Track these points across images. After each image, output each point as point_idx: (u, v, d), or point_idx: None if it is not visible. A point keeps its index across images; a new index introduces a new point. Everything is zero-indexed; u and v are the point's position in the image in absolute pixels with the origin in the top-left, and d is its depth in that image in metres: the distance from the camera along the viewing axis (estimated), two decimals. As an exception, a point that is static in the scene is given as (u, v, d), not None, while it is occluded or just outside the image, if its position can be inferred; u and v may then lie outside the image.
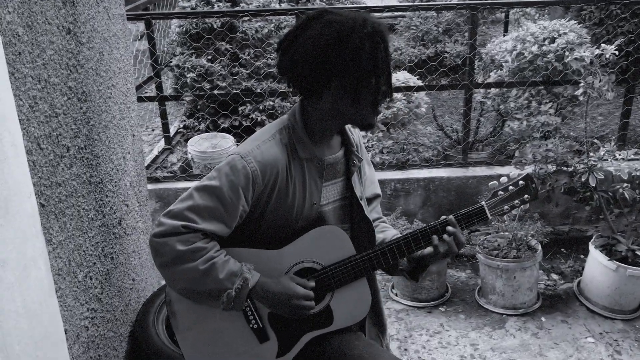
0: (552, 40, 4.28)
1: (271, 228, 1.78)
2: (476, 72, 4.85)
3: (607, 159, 3.35)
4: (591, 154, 3.37)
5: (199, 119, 5.29)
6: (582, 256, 3.94)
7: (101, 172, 2.20)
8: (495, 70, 4.65)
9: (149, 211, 2.84)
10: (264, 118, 5.02)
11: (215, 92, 4.75)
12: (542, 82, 4.24)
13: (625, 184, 3.29)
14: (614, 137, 4.28)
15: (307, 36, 1.65)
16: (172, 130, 5.34)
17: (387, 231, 2.02)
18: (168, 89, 5.67)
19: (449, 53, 6.63)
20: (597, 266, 3.38)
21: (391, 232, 2.01)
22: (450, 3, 4.28)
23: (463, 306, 3.55)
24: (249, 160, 1.67)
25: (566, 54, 4.09)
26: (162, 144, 5.03)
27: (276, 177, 1.70)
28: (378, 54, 1.62)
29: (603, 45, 3.32)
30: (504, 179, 1.86)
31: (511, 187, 1.84)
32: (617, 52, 3.31)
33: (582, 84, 3.35)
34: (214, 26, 4.99)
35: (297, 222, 1.78)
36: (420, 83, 4.64)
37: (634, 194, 3.28)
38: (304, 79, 1.68)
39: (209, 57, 5.11)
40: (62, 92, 1.86)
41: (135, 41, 6.10)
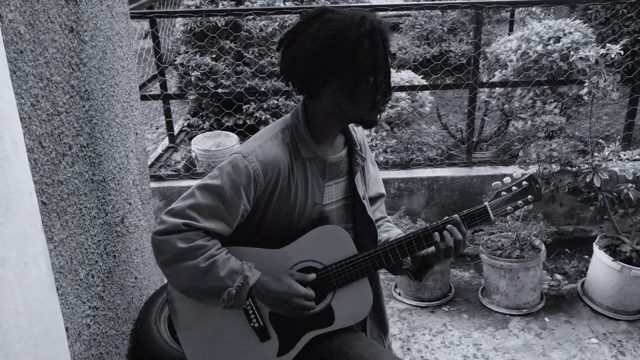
0: (557, 40, 4.26)
1: (273, 227, 1.77)
2: (481, 72, 4.84)
3: (612, 159, 3.34)
4: (596, 154, 3.36)
5: (203, 118, 5.29)
6: (586, 256, 3.93)
7: (103, 171, 2.20)
8: (500, 70, 4.64)
9: (151, 209, 2.85)
10: (268, 117, 5.02)
11: (220, 90, 4.74)
12: (546, 82, 4.22)
13: (630, 184, 3.27)
14: (619, 137, 4.27)
15: (305, 35, 1.65)
16: (177, 128, 5.35)
17: (391, 230, 2.01)
18: (172, 88, 5.67)
19: (453, 52, 6.61)
20: (601, 267, 3.36)
21: (395, 231, 2.00)
22: (454, 2, 4.26)
23: (466, 306, 3.54)
24: (251, 160, 1.66)
25: (571, 53, 4.08)
26: (166, 142, 5.03)
27: (278, 176, 1.70)
28: (376, 52, 1.61)
29: (608, 45, 3.30)
30: (507, 179, 1.85)
31: (514, 188, 1.83)
32: (622, 52, 3.29)
33: (586, 84, 3.33)
34: (219, 25, 4.98)
35: (299, 221, 1.78)
36: (424, 82, 4.62)
37: (638, 194, 3.26)
38: (302, 77, 1.68)
39: (213, 56, 5.10)
40: (65, 90, 1.87)
41: (140, 39, 6.10)
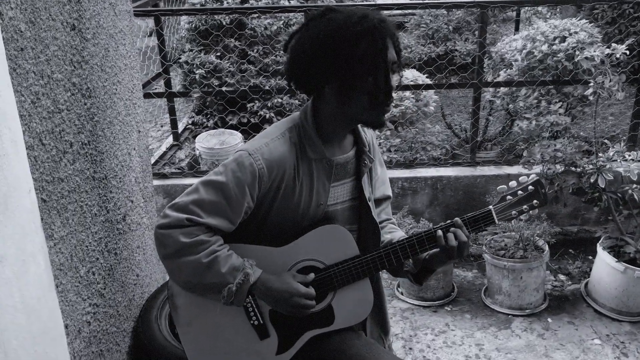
0: (563, 40, 4.24)
1: (276, 225, 1.77)
2: (486, 71, 4.82)
3: (617, 160, 3.32)
4: (600, 154, 3.34)
5: (208, 116, 5.30)
6: (590, 257, 3.91)
7: (105, 168, 2.20)
8: (504, 69, 4.62)
9: (154, 207, 2.85)
10: (272, 115, 5.02)
11: (224, 88, 4.75)
12: (551, 82, 4.21)
13: (635, 185, 3.26)
14: (624, 138, 4.25)
15: (306, 35, 1.64)
16: (181, 126, 5.36)
17: (394, 232, 1.99)
18: (177, 86, 5.68)
19: (459, 51, 6.60)
20: (605, 267, 3.35)
21: (398, 233, 1.98)
22: (459, 1, 4.25)
23: (469, 306, 3.53)
24: (257, 158, 1.66)
25: (577, 53, 4.06)
26: (170, 140, 5.05)
27: (283, 175, 1.69)
28: (375, 51, 1.58)
29: (614, 45, 3.29)
30: (513, 183, 1.82)
31: (520, 192, 1.80)
32: (628, 52, 3.27)
33: (592, 84, 3.31)
34: (223, 23, 4.99)
35: (302, 221, 1.77)
36: (428, 81, 4.61)
37: (643, 195, 3.25)
38: (302, 78, 1.68)
39: (217, 54, 5.11)
40: (66, 88, 1.87)
41: (145, 37, 6.11)
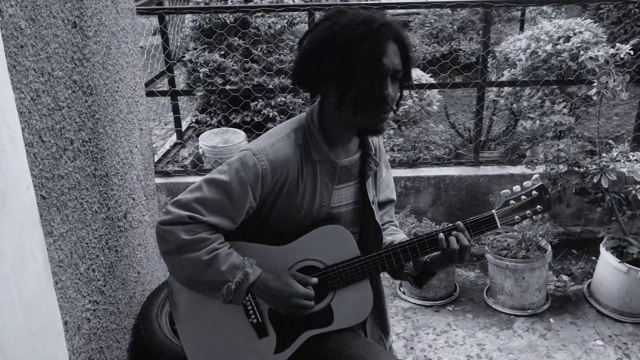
0: (567, 39, 4.23)
1: (278, 225, 1.76)
2: (489, 71, 4.81)
3: (620, 160, 3.30)
4: (604, 154, 3.33)
5: (211, 114, 5.31)
6: (593, 258, 3.90)
7: (106, 166, 2.21)
8: (508, 69, 4.61)
9: (156, 205, 2.85)
10: (275, 114, 5.03)
11: (228, 87, 4.76)
12: (556, 82, 4.19)
13: (639, 186, 3.24)
14: (629, 138, 4.23)
15: (310, 36, 1.64)
16: (185, 125, 5.37)
17: (396, 234, 1.98)
18: (181, 84, 5.69)
19: (463, 51, 6.58)
20: (608, 268, 3.34)
21: (400, 235, 1.97)
22: (464, 0, 4.23)
23: (471, 306, 3.53)
24: (261, 158, 1.65)
25: (581, 53, 4.04)
26: (174, 138, 5.06)
27: (286, 177, 1.69)
28: (369, 57, 1.55)
29: (618, 45, 3.27)
30: (516, 188, 1.81)
31: (524, 197, 1.79)
32: (632, 52, 3.26)
33: (595, 84, 3.30)
34: (227, 21, 4.99)
35: (305, 221, 1.77)
36: (432, 81, 4.60)
37: (646, 195, 3.23)
38: (302, 78, 1.67)
39: (221, 53, 5.11)
40: (67, 85, 1.87)
41: (149, 36, 6.12)
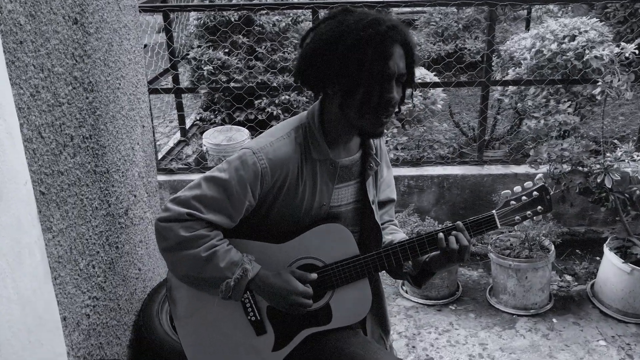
0: (572, 38, 4.20)
1: (277, 223, 1.76)
2: (494, 70, 4.79)
3: (625, 160, 3.29)
4: (608, 154, 3.31)
5: (215, 112, 5.31)
6: (597, 258, 3.88)
7: (107, 162, 2.21)
8: (513, 68, 4.59)
9: (158, 202, 2.86)
10: (279, 112, 5.02)
11: (231, 85, 4.76)
12: (560, 81, 4.17)
13: (643, 186, 3.23)
14: (635, 138, 4.20)
15: (315, 34, 1.63)
16: (189, 122, 5.38)
17: (395, 234, 1.98)
18: (185, 82, 5.70)
19: (468, 50, 6.56)
20: (612, 268, 3.32)
21: (399, 235, 1.97)
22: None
23: (473, 305, 3.52)
24: (260, 157, 1.65)
25: (586, 52, 4.02)
26: (177, 136, 5.06)
27: (286, 175, 1.69)
28: (374, 59, 1.54)
29: (623, 44, 3.25)
30: (517, 188, 1.80)
31: (524, 198, 1.78)
32: (637, 51, 3.24)
33: (600, 83, 3.28)
34: (232, 19, 5.00)
35: (304, 220, 1.77)
36: (436, 79, 4.59)
37: (651, 195, 3.22)
38: (305, 77, 1.67)
39: (225, 50, 5.12)
40: (67, 81, 1.88)
41: (154, 33, 6.13)
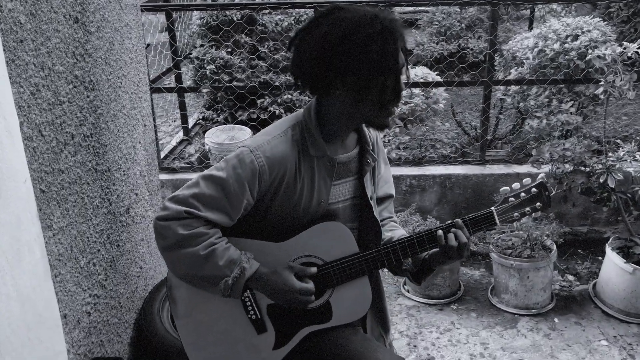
0: (575, 38, 4.19)
1: (276, 221, 1.77)
2: (497, 69, 4.78)
3: (627, 160, 3.28)
4: (610, 154, 3.30)
5: (218, 111, 5.31)
6: (599, 258, 3.87)
7: (108, 161, 2.22)
8: (516, 67, 4.58)
9: (160, 200, 2.86)
10: (282, 111, 5.02)
11: (234, 84, 4.76)
12: (563, 80, 4.16)
13: (645, 186, 3.22)
14: (638, 138, 4.19)
15: (315, 34, 1.63)
16: (191, 121, 5.39)
17: (395, 230, 1.98)
18: (187, 81, 5.70)
19: (471, 49, 6.55)
20: (614, 268, 3.31)
21: (399, 232, 1.98)
22: (471, -1, 4.22)
23: (475, 304, 3.51)
24: (258, 155, 1.66)
25: (589, 51, 4.01)
26: (180, 135, 5.07)
27: (284, 173, 1.69)
28: (386, 53, 1.57)
29: (625, 43, 3.24)
30: (516, 185, 1.80)
31: (523, 194, 1.78)
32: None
33: (602, 83, 3.28)
34: (234, 19, 5.00)
35: (303, 217, 1.77)
36: (439, 79, 4.58)
37: (653, 195, 3.21)
38: (311, 78, 1.66)
39: (228, 50, 5.12)
40: (68, 80, 1.88)
41: (157, 33, 6.15)
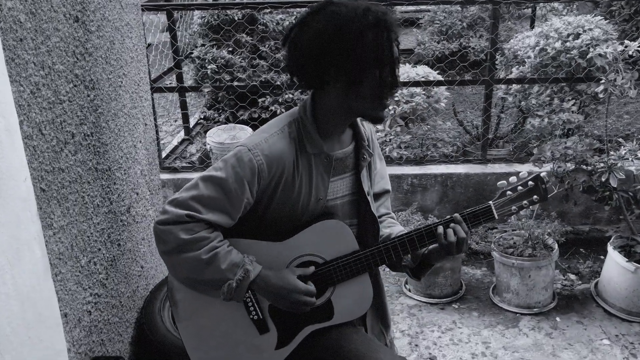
0: (577, 36, 4.18)
1: (276, 220, 1.77)
2: (498, 68, 4.77)
3: (629, 158, 3.27)
4: (612, 152, 3.30)
5: (219, 111, 5.31)
6: (601, 257, 3.86)
7: (109, 160, 2.22)
8: (517, 66, 4.57)
9: (161, 200, 2.86)
10: (283, 110, 5.02)
11: (235, 83, 4.76)
12: (564, 79, 4.15)
13: (647, 184, 3.21)
14: (639, 136, 4.18)
15: (308, 29, 1.63)
16: (193, 121, 5.39)
17: (393, 227, 1.99)
18: (189, 80, 5.70)
19: (472, 48, 6.54)
20: (615, 267, 3.30)
21: (397, 228, 1.98)
22: (472, -3, 4.21)
23: (477, 304, 3.51)
24: (256, 153, 1.66)
25: (590, 50, 4.00)
26: (182, 134, 5.07)
27: (282, 171, 1.69)
28: (381, 44, 1.59)
29: (626, 42, 3.24)
30: (513, 178, 1.81)
31: (520, 188, 1.79)
32: (641, 49, 3.22)
33: (603, 81, 3.27)
34: (235, 18, 5.00)
35: (302, 215, 1.77)
36: (440, 78, 4.58)
37: (655, 194, 3.20)
38: (306, 73, 1.67)
39: (229, 49, 5.12)
40: (68, 79, 1.88)
41: (157, 32, 6.15)
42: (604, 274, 3.46)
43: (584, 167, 3.33)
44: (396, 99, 4.39)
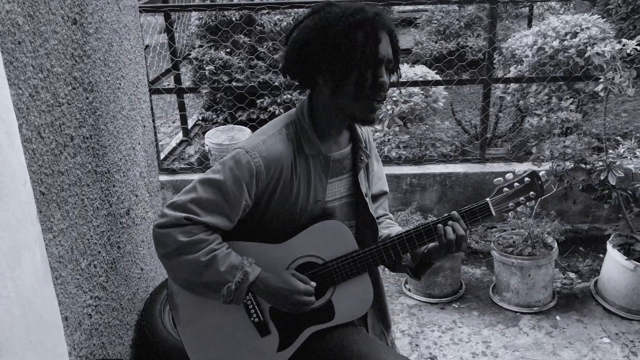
0: (574, 35, 4.19)
1: (274, 222, 1.77)
2: (496, 67, 4.78)
3: (627, 157, 3.28)
4: (610, 151, 3.30)
5: (217, 112, 5.31)
6: (601, 255, 3.87)
7: (108, 162, 2.21)
8: (515, 65, 4.58)
9: (160, 202, 2.86)
10: (281, 111, 5.02)
11: (233, 84, 4.76)
12: (562, 78, 4.16)
13: (646, 182, 3.21)
14: (638, 134, 4.19)
15: (301, 28, 1.65)
16: (191, 122, 5.39)
17: (391, 227, 1.99)
18: (187, 82, 5.70)
19: (470, 47, 6.55)
20: (615, 265, 3.31)
21: (396, 228, 1.98)
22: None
23: (477, 303, 3.51)
24: (254, 155, 1.66)
25: (588, 49, 4.01)
26: (180, 135, 5.07)
27: (280, 173, 1.69)
28: (365, 44, 1.58)
29: (624, 40, 3.24)
30: (509, 175, 1.82)
31: (516, 184, 1.80)
32: (639, 47, 3.22)
33: (601, 80, 3.27)
34: (233, 19, 5.00)
35: (301, 217, 1.77)
36: (438, 77, 4.59)
37: (654, 192, 3.20)
38: (295, 70, 1.68)
39: (227, 50, 5.12)
40: (67, 81, 1.88)
41: (155, 34, 6.14)
42: (603, 273, 3.46)
43: (583, 165, 3.34)
44: (394, 98, 4.39)
